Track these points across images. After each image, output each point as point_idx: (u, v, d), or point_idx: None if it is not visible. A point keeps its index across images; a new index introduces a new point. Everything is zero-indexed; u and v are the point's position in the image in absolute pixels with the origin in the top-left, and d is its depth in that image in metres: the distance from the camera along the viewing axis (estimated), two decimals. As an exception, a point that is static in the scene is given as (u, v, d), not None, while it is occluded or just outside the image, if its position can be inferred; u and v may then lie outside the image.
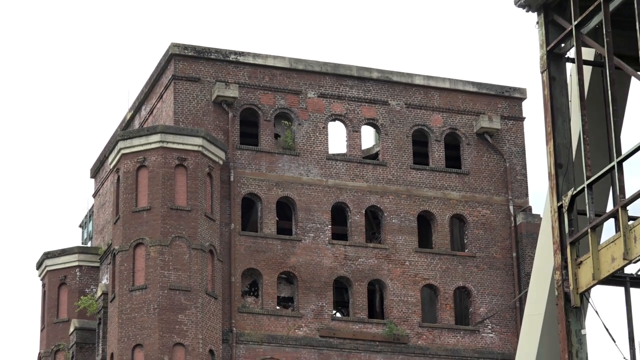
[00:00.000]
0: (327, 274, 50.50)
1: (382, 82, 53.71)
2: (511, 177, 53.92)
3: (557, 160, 29.25)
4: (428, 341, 50.94)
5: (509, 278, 52.43)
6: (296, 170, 51.47)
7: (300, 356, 49.18)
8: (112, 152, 50.61)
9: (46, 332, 57.37)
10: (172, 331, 46.20)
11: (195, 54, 51.87)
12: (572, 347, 28.14)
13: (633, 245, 26.59)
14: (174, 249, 47.14)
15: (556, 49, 29.88)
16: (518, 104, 55.38)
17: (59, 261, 57.32)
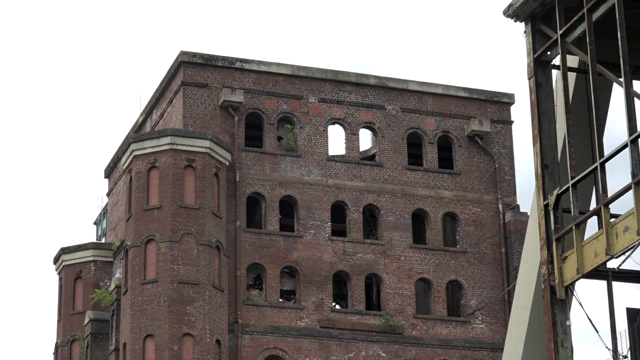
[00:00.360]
0: (327, 269, 50.50)
1: (379, 87, 53.71)
2: (500, 177, 53.93)
3: (543, 161, 29.25)
4: (422, 332, 50.95)
5: (498, 272, 52.43)
6: (298, 170, 51.48)
7: (302, 346, 49.19)
8: (125, 153, 50.63)
9: (63, 323, 57.38)
10: (181, 322, 46.20)
11: (203, 61, 51.88)
12: (558, 337, 28.15)
13: (615, 241, 26.60)
14: (183, 244, 47.14)
15: (542, 57, 29.88)
16: (506, 108, 55.38)
17: (75, 256, 57.35)
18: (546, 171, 29.20)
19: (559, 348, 28.04)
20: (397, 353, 50.27)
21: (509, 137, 54.91)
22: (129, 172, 49.87)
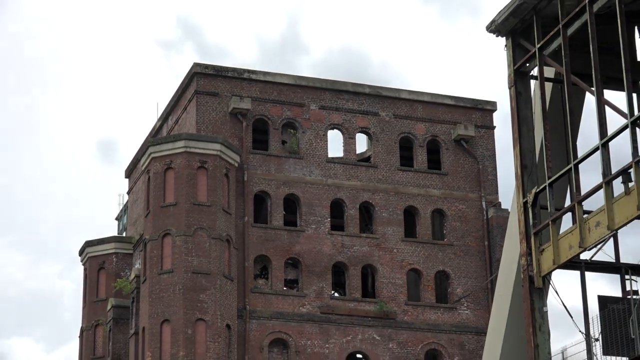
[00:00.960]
0: (326, 260, 50.54)
1: (373, 96, 53.75)
2: (483, 177, 53.98)
3: (522, 162, 29.28)
4: (413, 317, 50.98)
5: (481, 263, 52.46)
6: (300, 171, 51.52)
7: (304, 330, 49.24)
8: (144, 155, 50.66)
9: (87, 310, 57.45)
10: (195, 308, 46.23)
11: (214, 72, 51.95)
12: (536, 322, 28.17)
13: (587, 235, 26.63)
14: (196, 238, 47.18)
15: (522, 68, 29.91)
16: (489, 114, 55.43)
17: (99, 249, 57.44)
18: (525, 172, 29.24)
19: (537, 332, 28.07)
20: (390, 336, 50.31)
21: (492, 140, 54.95)
22: (147, 173, 49.92)
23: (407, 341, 50.46)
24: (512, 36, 29.99)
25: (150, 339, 46.67)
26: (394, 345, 50.27)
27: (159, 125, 56.66)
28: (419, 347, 50.54)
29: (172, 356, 45.78)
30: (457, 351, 50.88)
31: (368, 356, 50.22)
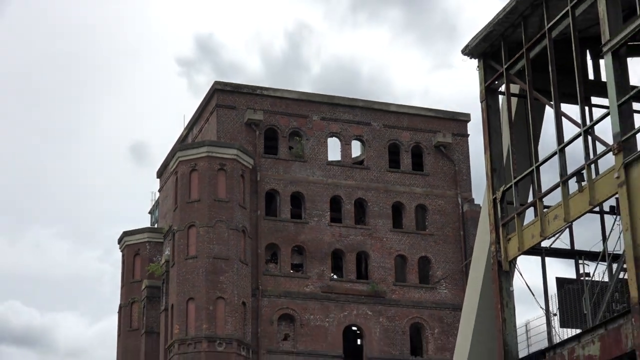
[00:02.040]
0: (326, 247, 50.58)
1: (366, 109, 53.80)
2: (459, 177, 53.98)
3: (492, 165, 29.27)
4: (399, 295, 51.00)
5: (457, 250, 52.47)
6: (304, 172, 51.54)
7: (308, 306, 49.27)
8: (172, 159, 50.74)
9: (125, 289, 57.51)
10: (215, 288, 46.27)
11: (232, 89, 52.01)
12: (504, 300, 28.18)
13: (547, 226, 26.63)
14: (216, 229, 47.22)
15: (491, 85, 29.90)
16: (464, 124, 55.43)
17: (134, 238, 57.50)
18: (494, 173, 29.23)
19: (505, 308, 28.07)
20: (380, 312, 50.33)
21: (466, 146, 54.97)
22: (175, 174, 49.98)
23: (394, 316, 50.49)
24: (483, 58, 29.98)
25: (177, 314, 46.73)
26: (384, 320, 50.29)
27: (185, 134, 56.69)
28: (404, 321, 50.58)
29: (196, 329, 45.83)
30: (437, 324, 50.90)
31: (362, 329, 50.25)
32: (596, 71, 30.17)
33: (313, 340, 49.05)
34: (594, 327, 24.87)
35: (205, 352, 45.42)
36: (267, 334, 48.45)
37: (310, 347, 48.85)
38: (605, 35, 24.70)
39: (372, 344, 49.93)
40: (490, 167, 29.24)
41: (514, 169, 28.52)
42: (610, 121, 24.50)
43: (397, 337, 50.33)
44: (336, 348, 49.22)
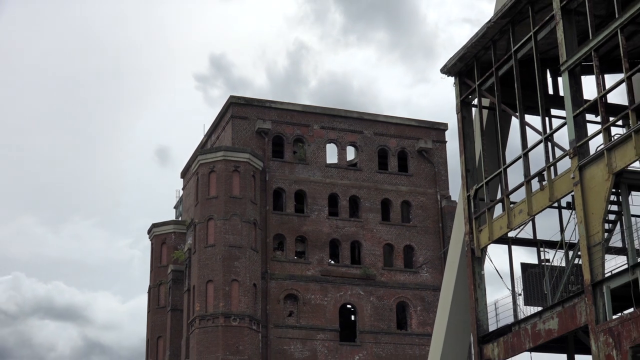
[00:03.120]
0: (325, 237, 50.55)
1: (359, 119, 53.76)
2: (438, 178, 53.96)
3: (466, 167, 29.32)
4: (387, 278, 50.98)
5: (437, 239, 52.45)
6: (306, 173, 51.52)
7: (309, 288, 49.25)
8: (194, 162, 50.69)
9: (153, 273, 57.47)
10: (231, 272, 46.26)
11: (245, 102, 51.96)
12: (476, 282, 28.23)
13: (513, 220, 26.69)
14: (231, 221, 47.19)
15: (466, 99, 29.96)
16: (442, 132, 55.40)
17: (162, 229, 57.45)
18: (468, 174, 29.28)
19: (477, 289, 28.12)
20: (371, 292, 50.31)
21: (444, 151, 54.94)
22: (196, 174, 49.97)
23: (383, 296, 50.48)
24: (458, 76, 30.05)
25: (198, 294, 46.72)
26: (374, 299, 50.28)
27: (205, 141, 56.66)
28: (392, 300, 50.56)
29: (214, 307, 45.81)
30: (419, 303, 50.89)
31: (355, 306, 50.24)
32: (555, 87, 30.25)
33: (313, 316, 49.04)
34: (553, 305, 24.91)
35: (222, 326, 45.41)
36: (275, 311, 48.44)
37: (311, 322, 48.85)
38: (563, 57, 24.75)
39: (364, 319, 49.94)
40: (465, 169, 29.29)
41: (484, 170, 28.58)
42: (567, 130, 24.56)
43: (385, 313, 50.32)
44: (333, 323, 49.23)
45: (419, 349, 49.42)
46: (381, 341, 49.79)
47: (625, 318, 21.99)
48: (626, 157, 22.53)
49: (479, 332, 27.67)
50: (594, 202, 23.31)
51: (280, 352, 47.86)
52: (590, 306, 22.99)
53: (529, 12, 26.42)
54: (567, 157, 24.55)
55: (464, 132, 29.62)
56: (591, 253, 23.14)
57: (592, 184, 23.42)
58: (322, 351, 48.63)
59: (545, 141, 25.91)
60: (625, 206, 23.64)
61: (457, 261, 30.05)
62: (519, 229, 27.12)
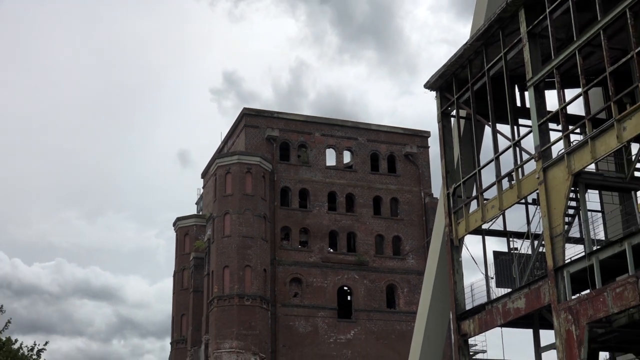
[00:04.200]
0: (325, 229, 50.58)
1: (354, 127, 53.80)
2: (422, 178, 53.97)
3: (446, 169, 29.29)
4: (378, 264, 51.01)
5: (421, 231, 52.47)
6: (309, 174, 51.55)
7: (311, 272, 49.29)
8: (212, 165, 50.72)
9: (178, 260, 57.49)
10: (244, 259, 46.29)
11: (256, 113, 52.02)
12: (455, 267, 28.18)
13: (486, 214, 26.65)
14: (244, 215, 47.22)
15: (445, 111, 29.92)
16: (425, 139, 55.41)
17: (185, 222, 57.51)
18: (448, 174, 29.24)
19: (455, 273, 28.09)
20: (364, 276, 50.35)
21: (427, 155, 54.95)
22: (214, 175, 49.98)
23: (375, 279, 50.49)
24: (439, 91, 30.00)
25: (216, 278, 46.76)
26: (367, 282, 50.30)
27: (222, 146, 56.68)
28: (382, 283, 50.59)
29: (230, 288, 45.85)
30: (406, 285, 50.90)
31: (351, 288, 50.25)
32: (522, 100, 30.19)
33: (315, 297, 49.06)
34: (521, 287, 24.89)
35: (237, 305, 45.45)
36: (282, 292, 48.46)
37: (313, 302, 48.87)
38: (529, 74, 24.73)
39: (359, 299, 49.95)
40: (445, 170, 29.26)
41: (462, 171, 28.53)
42: (532, 137, 24.55)
43: (377, 294, 50.32)
44: (332, 302, 49.24)
45: (405, 324, 49.45)
46: (373, 318, 49.81)
47: (583, 298, 21.99)
48: (583, 160, 22.55)
49: (457, 310, 27.64)
50: (555, 199, 23.31)
51: (287, 327, 47.87)
52: (552, 288, 22.97)
53: (500, 36, 26.41)
54: (532, 160, 24.54)
55: (444, 139, 29.59)
56: (553, 242, 23.14)
57: (554, 183, 23.42)
58: (323, 327, 48.64)
59: (513, 146, 25.89)
60: (583, 202, 23.62)
61: (438, 249, 30.04)
62: (491, 222, 27.09)
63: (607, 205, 27.40)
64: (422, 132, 55.32)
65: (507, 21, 25.90)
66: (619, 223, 25.61)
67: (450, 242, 28.33)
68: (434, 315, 30.03)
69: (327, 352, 48.36)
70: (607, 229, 26.46)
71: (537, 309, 24.00)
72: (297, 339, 48.00)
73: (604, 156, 22.23)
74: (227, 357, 44.48)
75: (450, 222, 28.45)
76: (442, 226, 29.54)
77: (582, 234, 23.07)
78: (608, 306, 20.98)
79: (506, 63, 26.19)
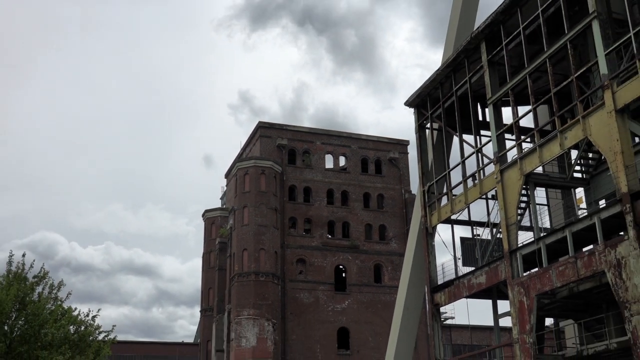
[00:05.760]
0: (324, 219, 50.49)
1: (348, 137, 53.68)
2: (402, 178, 53.84)
3: (422, 170, 29.31)
4: (368, 247, 50.92)
5: (402, 221, 52.37)
6: (311, 175, 51.46)
7: (313, 254, 49.20)
8: (234, 168, 50.59)
9: (206, 244, 57.27)
10: (259, 243, 46.22)
11: (269, 126, 51.91)
12: (429, 250, 28.19)
13: (454, 207, 26.66)
14: (259, 208, 47.15)
15: (422, 124, 29.92)
16: (405, 146, 55.27)
17: (211, 213, 57.35)
18: (424, 175, 29.25)
19: (429, 255, 28.11)
20: (356, 257, 50.28)
21: (407, 159, 54.84)
22: (235, 175, 49.89)
23: (365, 260, 50.45)
24: (416, 107, 30.03)
25: (237, 259, 46.72)
26: (358, 261, 50.26)
27: (241, 153, 56.60)
28: (370, 262, 50.52)
29: (248, 267, 45.79)
30: (390, 264, 50.85)
31: (345, 267, 50.20)
32: (483, 115, 30.24)
33: (316, 274, 49.04)
34: (482, 266, 24.93)
35: (253, 281, 45.41)
36: (289, 270, 48.44)
37: (315, 278, 48.84)
38: (489, 94, 24.76)
39: (352, 276, 49.93)
40: (421, 172, 29.28)
41: (435, 173, 28.56)
42: (492, 145, 24.57)
43: (366, 272, 50.29)
44: (330, 278, 49.23)
45: (389, 296, 49.46)
46: (363, 291, 49.80)
47: (532, 275, 22.04)
48: (533, 163, 22.62)
49: (431, 284, 27.68)
50: (510, 195, 23.36)
51: (294, 298, 47.90)
52: (508, 267, 23.02)
53: (465, 63, 26.46)
54: (492, 164, 24.57)
55: (421, 147, 29.63)
56: (508, 230, 23.18)
57: (509, 182, 23.47)
58: (323, 298, 48.66)
59: (476, 153, 25.92)
60: (532, 198, 23.67)
61: (415, 236, 30.08)
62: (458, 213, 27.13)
63: (552, 200, 27.46)
64: (403, 141, 55.28)
65: (471, 52, 25.94)
66: (561, 214, 25.67)
67: (425, 229, 28.37)
68: (412, 289, 30.09)
69: (326, 318, 48.41)
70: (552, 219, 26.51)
71: (495, 283, 24.05)
72: (302, 308, 48.05)
73: (549, 160, 22.29)
74: (245, 322, 44.54)
75: (425, 214, 28.49)
76: (419, 217, 29.59)
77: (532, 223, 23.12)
78: (552, 281, 21.04)
79: (470, 85, 26.23)
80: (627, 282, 18.43)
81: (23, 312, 22.90)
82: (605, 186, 23.53)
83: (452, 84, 27.43)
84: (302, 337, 47.59)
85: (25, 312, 22.89)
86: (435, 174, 28.52)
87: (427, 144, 29.79)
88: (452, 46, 29.14)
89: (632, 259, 18.37)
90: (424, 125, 29.93)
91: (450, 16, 30.09)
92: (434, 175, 28.54)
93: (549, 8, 22.26)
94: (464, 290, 25.77)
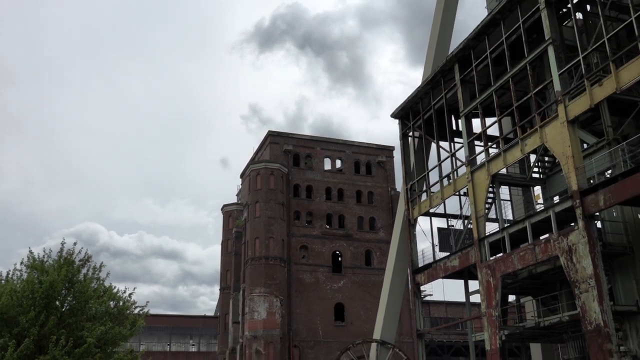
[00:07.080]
0: (323, 212, 50.37)
1: (343, 144, 53.62)
2: (389, 178, 53.73)
3: (406, 171, 29.31)
4: (360, 235, 50.81)
5: (389, 214, 52.22)
6: (312, 175, 51.38)
7: (314, 242, 49.11)
8: (247, 169, 50.42)
9: (224, 233, 57.07)
10: (269, 232, 46.16)
11: (277, 134, 51.78)
12: (412, 238, 28.19)
13: (433, 201, 26.66)
14: (269, 203, 47.08)
15: (405, 132, 29.90)
16: (391, 151, 55.12)
17: (229, 207, 57.21)
18: (407, 175, 29.26)
19: (411, 242, 28.13)
20: (350, 244, 50.21)
21: (392, 162, 54.73)
22: (249, 176, 49.81)
23: (357, 246, 50.39)
24: (400, 119, 30.03)
25: (250, 245, 46.65)
26: (352, 247, 50.20)
27: (253, 156, 56.52)
28: (362, 249, 50.43)
29: (259, 252, 45.70)
30: (379, 250, 50.79)
31: (341, 252, 50.14)
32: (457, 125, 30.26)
33: (317, 258, 48.99)
34: (455, 252, 24.96)
35: (264, 264, 45.36)
36: (294, 255, 48.39)
37: (315, 261, 48.79)
38: (461, 107, 24.79)
39: (346, 260, 49.88)
40: (404, 173, 29.29)
41: (416, 173, 28.56)
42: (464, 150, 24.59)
43: (359, 256, 50.25)
44: (328, 262, 49.17)
45: (378, 277, 49.45)
46: (356, 273, 49.79)
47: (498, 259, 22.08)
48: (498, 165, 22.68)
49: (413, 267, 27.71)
50: (479, 192, 23.39)
51: (298, 279, 47.90)
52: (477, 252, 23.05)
53: (441, 82, 26.47)
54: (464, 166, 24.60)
55: (404, 152, 29.65)
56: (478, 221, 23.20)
57: (479, 182, 23.50)
58: (322, 278, 48.65)
59: (451, 157, 25.93)
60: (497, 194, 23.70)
61: (400, 226, 30.12)
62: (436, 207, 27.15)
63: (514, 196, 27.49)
64: (389, 147, 55.25)
65: (446, 72, 25.97)
66: (522, 208, 25.71)
67: (408, 221, 28.39)
68: (397, 271, 30.14)
69: (325, 295, 48.42)
70: (514, 212, 26.55)
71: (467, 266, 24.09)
72: (305, 287, 48.06)
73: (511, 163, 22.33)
74: (257, 298, 44.56)
75: (408, 208, 28.51)
76: (403, 210, 29.62)
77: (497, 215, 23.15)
78: (514, 264, 21.08)
79: (446, 100, 26.26)
80: (577, 265, 18.53)
81: (71, 290, 23.10)
82: (558, 185, 23.59)
83: (431, 99, 27.46)
84: (305, 311, 47.63)
85: (73, 290, 23.09)
86: (417, 174, 28.54)
87: (410, 150, 29.83)
88: (430, 67, 29.18)
89: (581, 246, 18.48)
90: (407, 134, 29.96)
91: (429, 41, 30.12)
92: (415, 176, 28.57)
93: (511, 36, 22.35)
94: (440, 272, 25.82)
